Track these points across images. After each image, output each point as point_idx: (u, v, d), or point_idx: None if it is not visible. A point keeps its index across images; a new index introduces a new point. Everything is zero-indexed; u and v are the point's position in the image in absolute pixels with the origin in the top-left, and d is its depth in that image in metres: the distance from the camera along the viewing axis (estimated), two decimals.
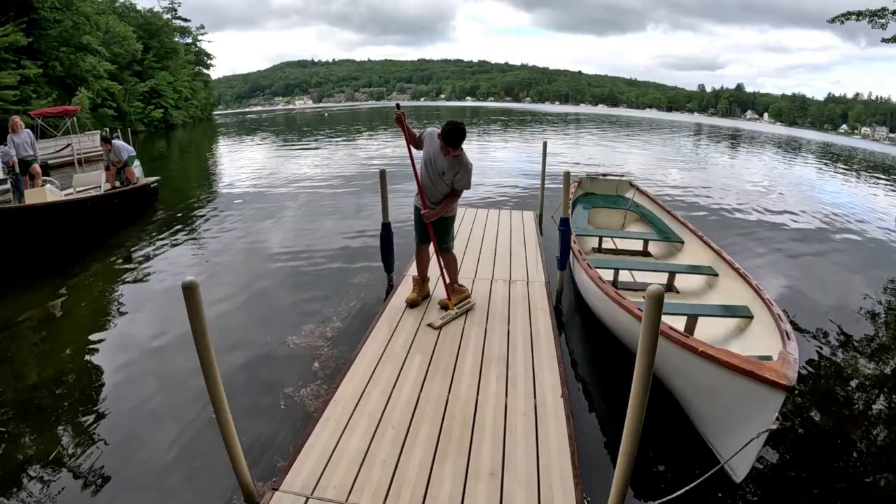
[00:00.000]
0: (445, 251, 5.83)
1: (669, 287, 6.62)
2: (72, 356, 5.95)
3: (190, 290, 2.65)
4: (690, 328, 5.27)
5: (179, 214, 13.37)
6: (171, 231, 11.55)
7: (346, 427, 3.85)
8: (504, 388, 4.38)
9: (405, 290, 6.40)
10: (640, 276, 7.11)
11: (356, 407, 4.09)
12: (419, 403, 4.16)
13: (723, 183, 19.67)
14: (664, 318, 5.53)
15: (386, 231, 6.97)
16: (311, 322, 6.36)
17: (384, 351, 5.00)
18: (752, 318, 5.16)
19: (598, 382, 5.30)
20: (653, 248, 8.23)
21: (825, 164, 33.93)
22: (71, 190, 12.52)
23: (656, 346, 2.59)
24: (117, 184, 12.90)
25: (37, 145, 12.65)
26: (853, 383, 5.54)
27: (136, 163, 13.64)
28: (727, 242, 9.40)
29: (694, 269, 6.65)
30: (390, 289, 6.88)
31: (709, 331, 5.31)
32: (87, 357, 5.97)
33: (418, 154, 5.64)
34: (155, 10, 64.61)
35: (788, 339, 3.98)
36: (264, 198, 15.32)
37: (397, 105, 5.48)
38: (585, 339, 6.16)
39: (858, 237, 12.34)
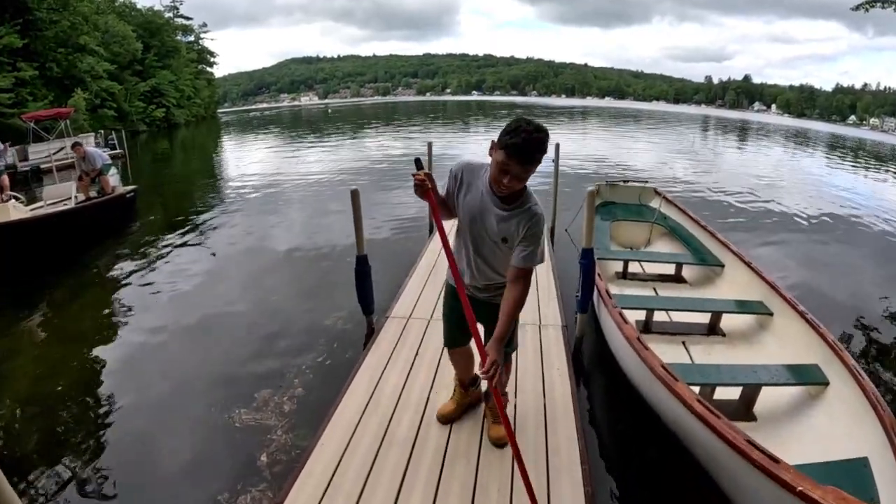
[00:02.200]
0: (507, 359, 3.39)
1: (713, 328, 5.42)
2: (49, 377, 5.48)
3: None
4: (748, 402, 4.08)
5: (162, 223, 12.74)
6: (150, 244, 10.83)
7: None
8: (508, 495, 3.19)
9: (388, 335, 5.18)
10: (678, 315, 5.75)
11: None
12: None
13: (735, 176, 18.97)
14: (718, 391, 4.50)
15: (361, 265, 5.57)
16: (267, 386, 5.06)
17: (352, 435, 3.74)
18: (826, 384, 3.99)
19: (631, 483, 3.95)
20: (687, 272, 6.97)
21: (841, 156, 32.81)
22: (41, 203, 11.62)
23: None
24: (92, 194, 11.86)
25: (7, 154, 11.76)
26: None
27: (113, 171, 12.67)
28: (738, 238, 8.51)
29: (742, 307, 5.45)
30: (370, 334, 5.54)
31: (770, 400, 4.14)
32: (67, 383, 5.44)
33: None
34: (156, 8, 63.83)
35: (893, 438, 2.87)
36: (259, 204, 14.59)
37: (418, 163, 2.91)
38: (614, 415, 4.76)
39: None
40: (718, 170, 21.30)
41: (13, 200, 10.53)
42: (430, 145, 9.96)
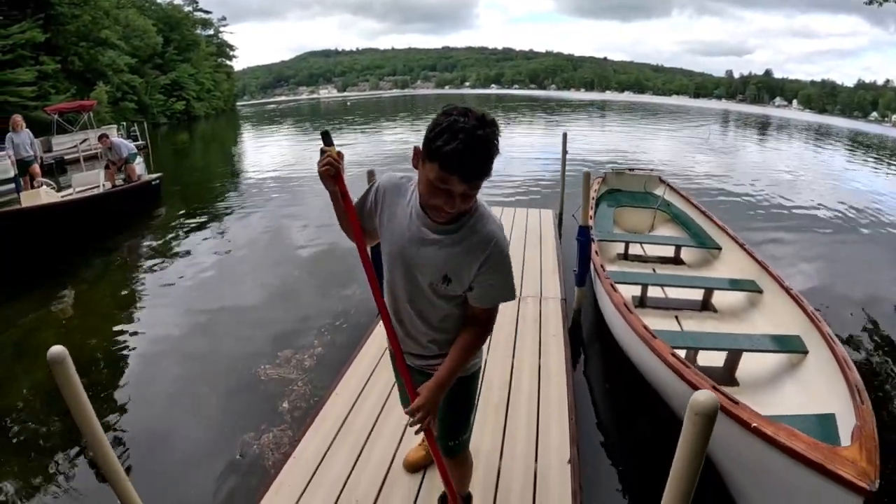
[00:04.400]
0: (450, 454, 2.52)
1: (706, 304, 5.72)
2: (77, 358, 5.60)
3: (58, 364, 2.01)
4: (731, 365, 4.40)
5: (184, 210, 13.16)
6: (174, 228, 11.39)
7: (301, 496, 3.11)
8: (499, 447, 3.53)
9: None
10: (673, 292, 6.08)
11: (317, 469, 3.33)
12: (391, 469, 3.35)
13: (758, 173, 18.57)
14: (702, 353, 4.87)
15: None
16: (289, 347, 5.61)
17: (360, 394, 4.14)
18: (805, 352, 4.27)
19: (618, 440, 4.38)
20: (686, 254, 7.26)
21: (864, 153, 32.54)
22: (70, 190, 12.10)
23: (698, 473, 1.70)
24: (118, 182, 12.36)
25: (37, 145, 12.24)
26: None
27: (138, 159, 13.22)
28: (741, 229, 8.42)
29: (734, 285, 5.74)
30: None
31: (753, 367, 4.45)
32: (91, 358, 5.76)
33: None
34: (175, 2, 64.69)
35: (860, 399, 3.11)
36: (279, 190, 15.17)
37: (326, 137, 2.02)
38: (605, 376, 5.23)
39: None
40: (737, 166, 21.00)
41: (44, 187, 10.99)
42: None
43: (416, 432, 2.13)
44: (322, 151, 1.99)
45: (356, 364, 4.55)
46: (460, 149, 1.69)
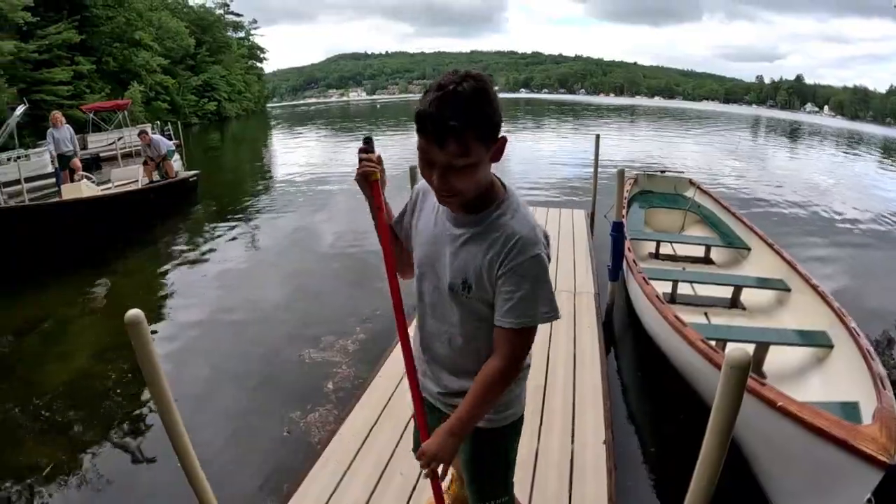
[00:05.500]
0: None
1: (734, 302, 5.81)
2: (111, 344, 5.93)
3: (135, 326, 2.16)
4: (759, 358, 4.48)
5: (218, 208, 13.54)
6: (210, 224, 11.70)
7: (347, 470, 3.29)
8: (537, 429, 3.69)
9: None
10: (702, 289, 6.21)
11: (363, 445, 3.52)
12: None
13: (788, 181, 18.22)
14: (729, 346, 4.96)
15: None
16: (331, 333, 5.84)
17: (403, 376, 4.33)
18: (831, 347, 4.34)
19: (650, 424, 4.57)
20: (715, 254, 7.35)
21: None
22: (110, 185, 12.41)
23: (734, 423, 1.85)
24: (156, 178, 12.68)
25: (76, 140, 12.57)
26: None
27: (176, 157, 13.55)
28: (770, 233, 8.52)
29: (763, 283, 5.81)
30: None
31: (780, 361, 4.54)
32: (128, 344, 5.90)
33: None
34: (207, 5, 65.69)
35: (883, 386, 3.21)
36: (311, 188, 15.53)
37: (368, 143, 1.77)
38: (637, 366, 5.40)
39: None
40: (767, 172, 20.86)
41: (85, 180, 11.31)
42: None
43: (426, 476, 1.72)
44: (361, 157, 1.76)
45: (398, 349, 4.68)
46: (429, 105, 1.42)
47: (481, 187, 1.58)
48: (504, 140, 1.54)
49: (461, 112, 1.40)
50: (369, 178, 1.74)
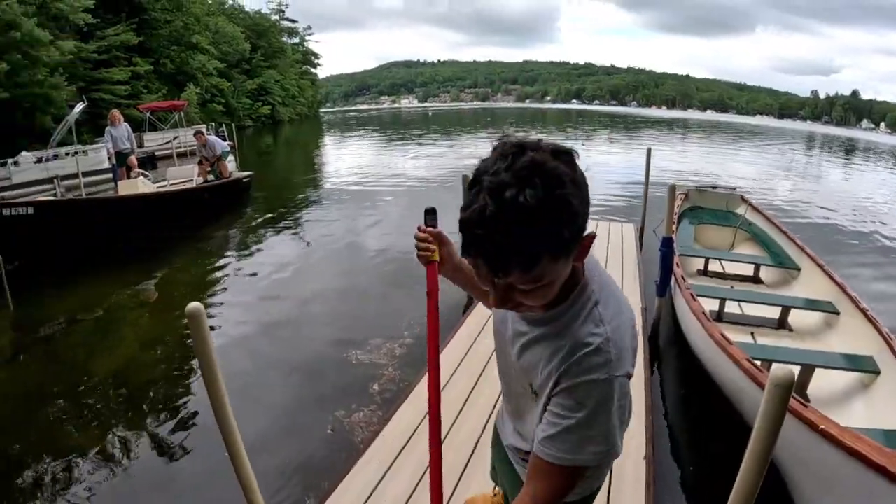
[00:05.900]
0: None
1: (782, 323, 5.70)
2: (160, 337, 6.27)
3: (195, 318, 2.26)
4: (804, 381, 4.40)
5: (269, 208, 13.72)
6: (261, 224, 12.03)
7: (389, 469, 3.37)
8: None
9: (483, 308, 5.58)
10: (750, 309, 6.08)
11: (405, 445, 3.59)
12: (476, 451, 3.58)
13: (842, 201, 17.61)
14: (774, 367, 4.89)
15: None
16: (379, 336, 5.94)
17: (448, 382, 4.40)
18: (878, 373, 4.25)
19: (691, 441, 4.52)
20: (765, 274, 7.21)
21: None
22: (165, 182, 12.74)
23: (775, 442, 1.84)
24: (210, 177, 13.01)
25: (133, 138, 12.94)
26: None
27: (230, 157, 13.85)
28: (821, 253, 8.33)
29: (811, 305, 5.68)
30: (470, 301, 6.18)
31: (825, 385, 4.46)
32: (176, 338, 6.21)
33: None
34: (263, 11, 67.34)
35: None
36: (363, 193, 15.71)
37: (429, 215, 1.64)
38: (682, 383, 5.34)
39: None
40: (821, 190, 20.25)
41: (141, 177, 11.67)
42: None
43: None
44: (417, 241, 1.62)
45: (446, 352, 4.82)
46: (478, 217, 1.01)
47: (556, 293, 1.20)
48: (591, 238, 1.15)
49: (528, 236, 1.00)
50: (427, 261, 1.60)
